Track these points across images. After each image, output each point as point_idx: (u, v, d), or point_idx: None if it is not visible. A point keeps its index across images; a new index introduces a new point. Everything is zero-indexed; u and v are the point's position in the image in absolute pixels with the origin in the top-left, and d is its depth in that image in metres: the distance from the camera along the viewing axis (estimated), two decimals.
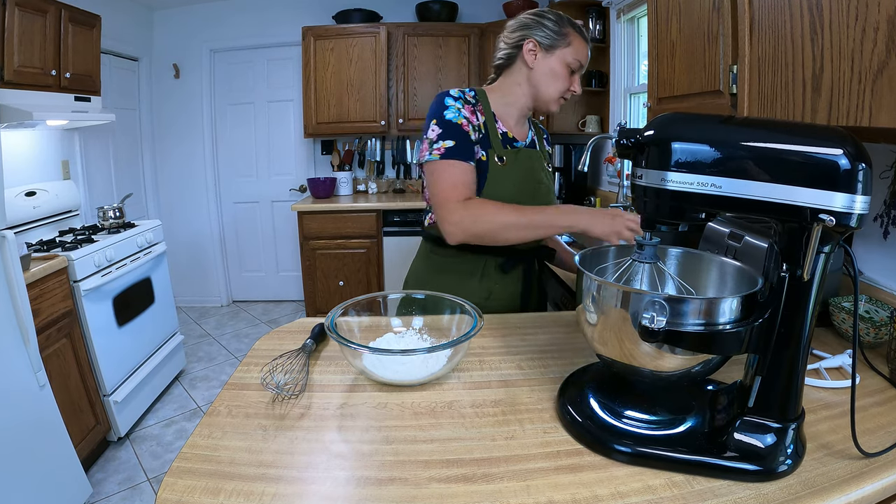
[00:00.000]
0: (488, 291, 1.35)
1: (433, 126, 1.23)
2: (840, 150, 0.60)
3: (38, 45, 2.28)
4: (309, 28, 3.66)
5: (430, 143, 1.22)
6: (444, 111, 1.23)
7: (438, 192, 1.20)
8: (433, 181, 1.22)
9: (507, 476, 0.69)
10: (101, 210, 2.69)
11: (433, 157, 1.21)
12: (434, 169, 1.21)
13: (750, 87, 1.09)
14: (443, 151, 1.20)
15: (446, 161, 1.20)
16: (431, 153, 1.21)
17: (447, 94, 1.26)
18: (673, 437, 0.73)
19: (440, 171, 1.21)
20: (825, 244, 0.64)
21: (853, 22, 0.80)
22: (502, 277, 1.35)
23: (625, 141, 0.71)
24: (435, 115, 1.23)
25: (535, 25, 1.26)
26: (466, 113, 1.23)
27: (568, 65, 1.25)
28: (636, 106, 2.95)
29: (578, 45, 1.25)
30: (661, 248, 0.86)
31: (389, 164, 4.21)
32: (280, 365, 0.97)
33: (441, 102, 1.24)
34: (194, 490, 0.66)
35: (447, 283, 1.31)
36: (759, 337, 0.69)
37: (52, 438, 1.81)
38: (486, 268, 1.34)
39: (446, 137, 1.21)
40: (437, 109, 1.24)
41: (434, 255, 1.37)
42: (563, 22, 1.25)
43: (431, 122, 1.23)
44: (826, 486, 0.66)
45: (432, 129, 1.23)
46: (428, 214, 1.37)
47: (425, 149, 1.24)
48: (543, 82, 1.27)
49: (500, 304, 1.36)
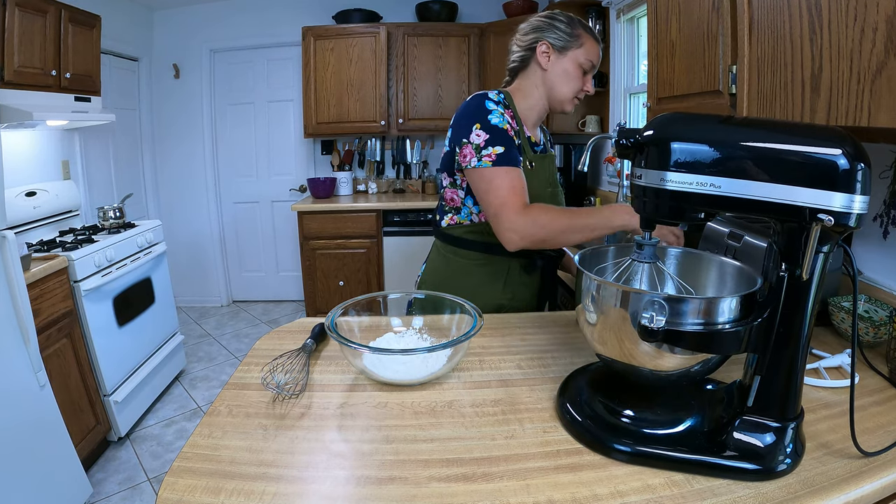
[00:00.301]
0: (512, 293, 1.36)
1: (478, 131, 1.20)
2: (839, 150, 0.60)
3: (38, 45, 2.28)
4: (309, 28, 3.66)
5: (478, 149, 1.19)
6: (487, 115, 1.21)
7: (495, 200, 1.18)
8: (487, 188, 1.19)
9: (506, 475, 0.69)
10: (102, 210, 2.69)
11: (484, 164, 1.19)
12: (487, 176, 1.19)
13: (749, 87, 1.09)
14: (494, 158, 1.18)
15: (500, 168, 1.18)
16: (481, 160, 1.19)
17: (486, 96, 1.24)
18: (672, 437, 0.73)
19: (495, 178, 1.18)
20: (824, 244, 0.64)
21: (852, 22, 0.81)
22: (524, 279, 1.37)
23: (624, 141, 0.71)
24: (477, 118, 1.21)
25: (547, 28, 1.27)
26: (508, 117, 1.24)
27: (580, 65, 1.27)
28: (636, 106, 2.95)
29: (590, 45, 1.27)
30: (660, 247, 0.86)
31: (389, 164, 4.21)
32: (280, 365, 0.97)
33: (482, 106, 1.22)
34: (195, 489, 0.67)
35: (470, 286, 1.32)
36: (759, 336, 0.69)
37: (52, 438, 1.81)
38: (511, 270, 1.35)
39: (496, 143, 1.19)
40: (478, 113, 1.21)
41: (456, 258, 1.35)
42: (574, 24, 1.27)
43: (474, 125, 1.20)
44: (825, 486, 0.66)
45: (477, 134, 1.20)
46: (446, 215, 1.35)
47: (470, 154, 1.20)
48: (557, 83, 1.29)
49: (521, 305, 1.38)
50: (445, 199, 1.35)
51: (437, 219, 1.40)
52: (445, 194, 1.34)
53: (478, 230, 1.32)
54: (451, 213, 1.34)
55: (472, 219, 1.32)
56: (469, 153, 1.21)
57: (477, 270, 1.34)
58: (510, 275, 1.35)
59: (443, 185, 1.35)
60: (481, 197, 1.22)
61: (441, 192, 1.36)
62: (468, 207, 1.31)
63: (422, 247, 3.65)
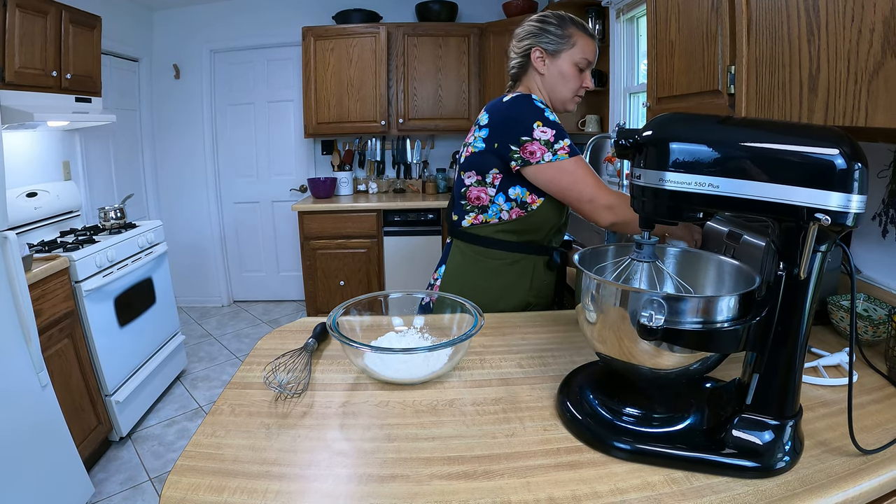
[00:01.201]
0: (537, 291, 1.38)
1: (542, 128, 1.22)
2: (836, 150, 0.60)
3: (39, 46, 2.28)
4: (309, 28, 3.67)
5: (549, 144, 1.22)
6: (543, 112, 1.24)
7: (587, 187, 1.23)
8: (574, 178, 1.23)
9: (507, 473, 0.70)
10: (102, 210, 2.69)
11: (561, 156, 1.22)
12: (569, 168, 1.23)
13: (748, 88, 1.09)
14: (567, 150, 1.23)
15: (577, 159, 1.24)
16: (556, 154, 1.22)
17: (530, 98, 1.26)
18: (672, 435, 0.74)
19: (578, 167, 1.23)
20: (822, 243, 0.64)
21: (849, 23, 0.81)
22: (547, 276, 1.39)
23: (623, 141, 0.71)
24: (536, 117, 1.23)
25: (539, 33, 1.30)
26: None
27: (575, 64, 1.29)
28: (636, 105, 2.96)
29: (583, 43, 1.28)
30: (659, 247, 0.87)
31: (389, 163, 4.22)
32: (282, 364, 0.98)
33: (533, 104, 1.24)
34: (198, 488, 0.67)
35: (498, 287, 1.35)
36: (757, 335, 0.70)
37: (54, 438, 1.82)
38: (536, 267, 1.36)
39: (562, 137, 1.23)
40: (533, 111, 1.24)
41: (486, 260, 1.35)
42: (565, 24, 1.28)
43: (534, 123, 1.22)
44: (824, 483, 0.67)
45: (542, 131, 1.22)
46: (468, 215, 1.34)
47: (541, 150, 1.22)
48: (556, 86, 1.31)
49: (545, 303, 1.41)
50: (469, 199, 1.33)
51: (456, 219, 1.38)
52: (470, 193, 1.32)
53: (508, 228, 1.32)
54: (475, 212, 1.33)
55: (502, 216, 1.31)
56: (538, 149, 1.22)
57: (507, 270, 1.34)
58: (536, 272, 1.36)
59: (464, 185, 1.33)
60: (567, 187, 1.24)
61: (462, 191, 1.34)
62: (497, 205, 1.30)
63: (422, 247, 3.65)
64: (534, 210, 1.29)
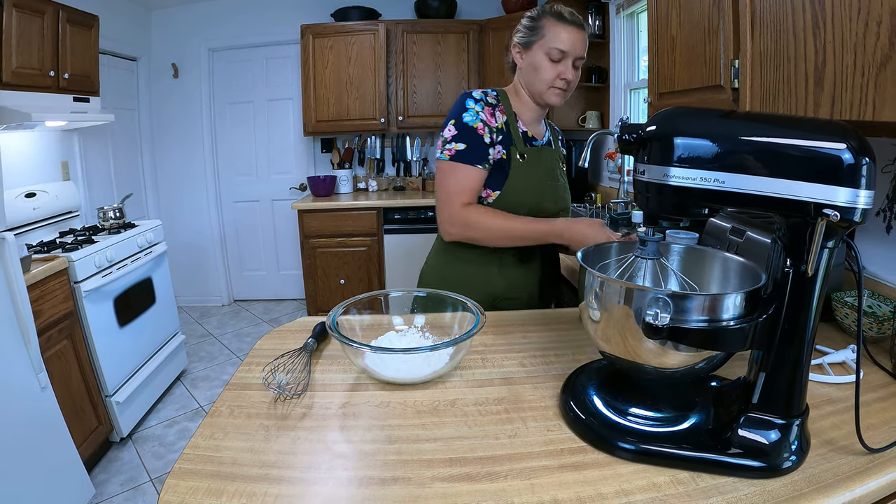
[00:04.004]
0: (507, 281, 1.37)
1: (450, 126, 1.27)
2: (843, 145, 0.59)
3: (36, 46, 2.27)
4: (307, 26, 3.65)
5: (444, 142, 1.27)
6: (463, 113, 1.27)
7: (442, 193, 1.28)
8: (440, 180, 1.29)
9: (510, 475, 0.69)
10: (101, 210, 2.68)
11: (443, 156, 1.27)
12: (443, 168, 1.28)
13: (752, 82, 1.08)
14: (453, 153, 1.26)
15: (456, 164, 1.26)
16: (443, 152, 1.27)
17: (470, 95, 1.29)
18: (677, 434, 0.73)
19: (447, 172, 1.27)
20: (829, 239, 0.63)
21: (856, 15, 0.80)
22: (520, 267, 1.38)
23: (627, 136, 0.70)
24: (454, 115, 1.28)
25: (517, 29, 1.32)
26: (485, 115, 1.27)
27: (547, 54, 1.25)
28: (636, 101, 2.95)
29: (553, 32, 1.24)
30: (663, 244, 0.86)
31: (389, 161, 4.21)
32: (282, 364, 0.97)
33: (462, 104, 1.28)
34: (196, 491, 0.66)
35: (466, 274, 1.35)
36: (763, 333, 0.68)
37: (54, 440, 1.81)
38: (504, 258, 1.35)
39: (459, 140, 1.25)
40: (457, 110, 1.28)
41: (452, 247, 1.37)
42: (539, 16, 1.27)
43: (450, 121, 1.28)
44: (831, 483, 0.66)
45: (449, 129, 1.27)
46: None
47: (438, 146, 1.29)
48: (530, 78, 1.31)
49: (519, 295, 1.39)
50: None
51: None
52: None
53: None
54: None
55: None
56: (439, 145, 1.29)
57: (471, 259, 1.35)
58: (503, 262, 1.36)
59: None
60: (436, 186, 1.31)
61: None
62: None
63: (423, 244, 3.64)
64: (490, 203, 1.31)
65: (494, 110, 1.29)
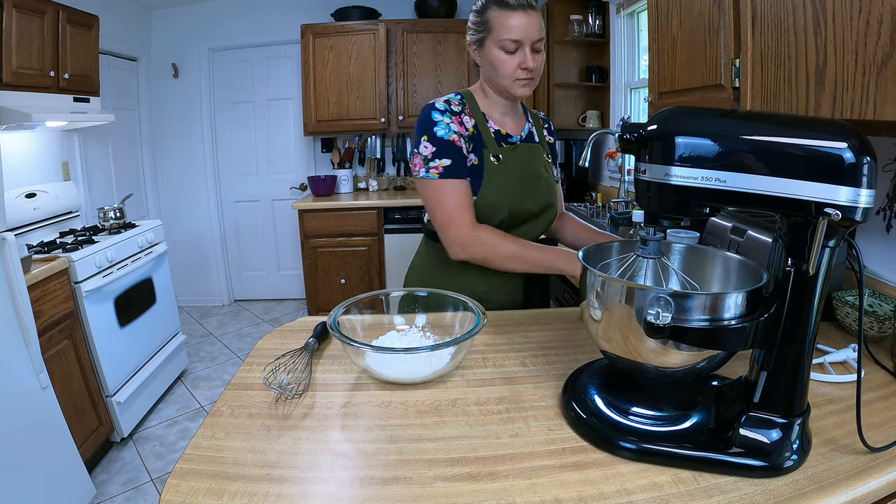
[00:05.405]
0: (488, 285, 1.33)
1: (425, 143, 1.21)
2: (844, 144, 0.59)
3: (37, 46, 2.27)
4: (307, 26, 3.65)
5: (425, 160, 1.21)
6: (433, 127, 1.21)
7: (443, 213, 1.21)
8: (435, 201, 1.22)
9: (512, 474, 0.69)
10: (102, 211, 2.68)
11: (431, 175, 1.20)
12: (434, 187, 1.21)
13: (752, 81, 1.08)
14: (441, 171, 1.20)
15: (448, 181, 1.20)
16: (428, 171, 1.21)
17: (433, 107, 1.23)
18: (678, 434, 0.73)
19: (442, 190, 1.21)
20: (830, 238, 0.63)
21: (857, 14, 0.80)
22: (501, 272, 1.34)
23: (628, 135, 0.70)
24: (424, 130, 1.22)
25: (468, 26, 1.26)
26: (455, 126, 1.22)
27: (501, 48, 1.19)
28: (637, 101, 2.94)
29: (501, 23, 1.17)
30: (664, 243, 0.86)
31: (390, 161, 4.21)
32: (283, 364, 0.97)
33: (428, 118, 1.22)
34: (197, 492, 0.66)
35: (448, 276, 1.32)
36: (765, 332, 0.68)
37: (54, 440, 1.81)
38: None
39: (442, 156, 1.20)
40: (425, 125, 1.22)
41: (435, 250, 1.36)
42: (483, 9, 1.20)
43: (422, 137, 1.22)
44: (832, 482, 0.66)
45: (425, 146, 1.21)
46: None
47: (419, 164, 1.22)
48: (490, 75, 1.25)
49: (502, 297, 1.35)
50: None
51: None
52: None
53: None
54: None
55: None
56: (418, 163, 1.23)
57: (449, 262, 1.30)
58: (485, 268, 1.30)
59: None
60: (431, 207, 1.23)
61: None
62: None
63: None
64: None
65: (462, 117, 1.25)
